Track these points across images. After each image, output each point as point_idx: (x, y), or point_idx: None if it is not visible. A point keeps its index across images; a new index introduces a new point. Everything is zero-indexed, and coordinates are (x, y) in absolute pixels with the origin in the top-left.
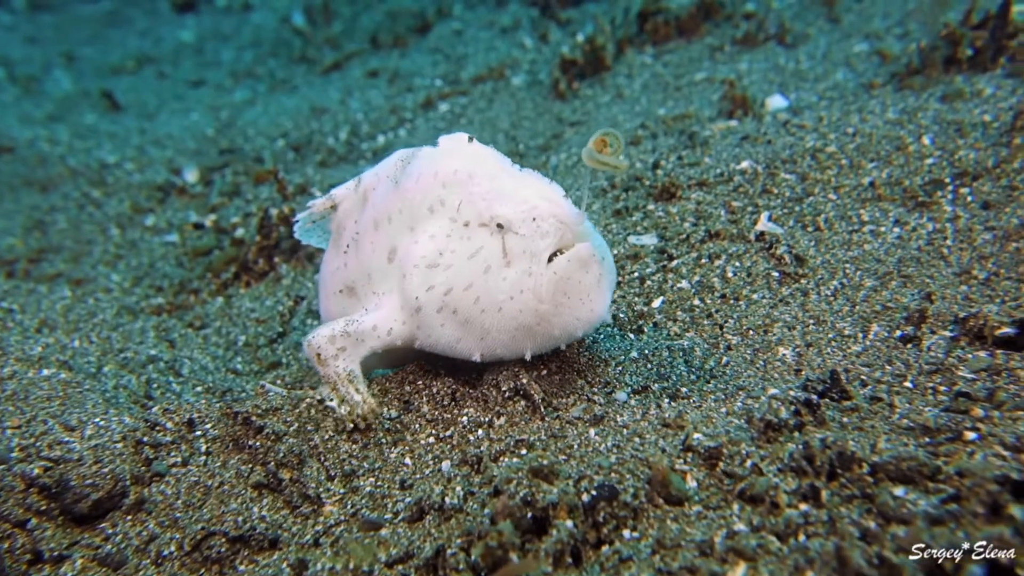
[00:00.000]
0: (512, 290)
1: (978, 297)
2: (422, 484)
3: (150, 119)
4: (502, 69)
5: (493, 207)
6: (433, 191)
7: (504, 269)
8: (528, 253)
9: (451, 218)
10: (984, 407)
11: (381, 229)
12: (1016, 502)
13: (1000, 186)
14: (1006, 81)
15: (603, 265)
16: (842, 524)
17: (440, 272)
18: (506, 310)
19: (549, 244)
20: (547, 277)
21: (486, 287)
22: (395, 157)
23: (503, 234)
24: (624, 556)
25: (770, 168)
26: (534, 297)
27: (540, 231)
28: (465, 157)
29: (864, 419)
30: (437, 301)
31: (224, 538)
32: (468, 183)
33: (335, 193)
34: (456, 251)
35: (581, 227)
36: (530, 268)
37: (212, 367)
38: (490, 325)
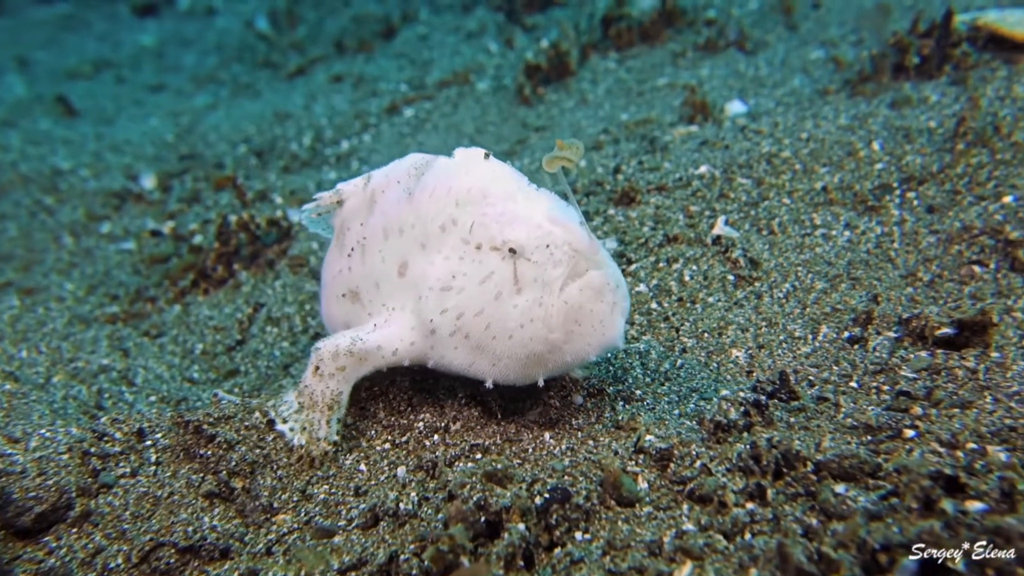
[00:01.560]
0: (523, 318)
1: (922, 298)
2: (377, 490)
3: (107, 124)
4: (467, 74)
5: (505, 231)
6: (446, 209)
7: (515, 296)
8: (540, 281)
9: (463, 239)
10: (923, 405)
11: (391, 239)
12: (948, 497)
13: (944, 190)
14: (950, 88)
15: (617, 292)
16: (786, 522)
17: (453, 296)
18: (517, 338)
19: (562, 273)
20: (558, 307)
21: (497, 314)
22: (407, 163)
23: (515, 260)
24: (575, 558)
25: (727, 173)
26: (545, 326)
27: (553, 259)
28: (480, 175)
29: (810, 419)
30: (450, 325)
31: (173, 549)
32: (481, 203)
33: (342, 188)
34: (468, 274)
35: (598, 255)
36: (541, 297)
37: (167, 376)
38: (501, 352)
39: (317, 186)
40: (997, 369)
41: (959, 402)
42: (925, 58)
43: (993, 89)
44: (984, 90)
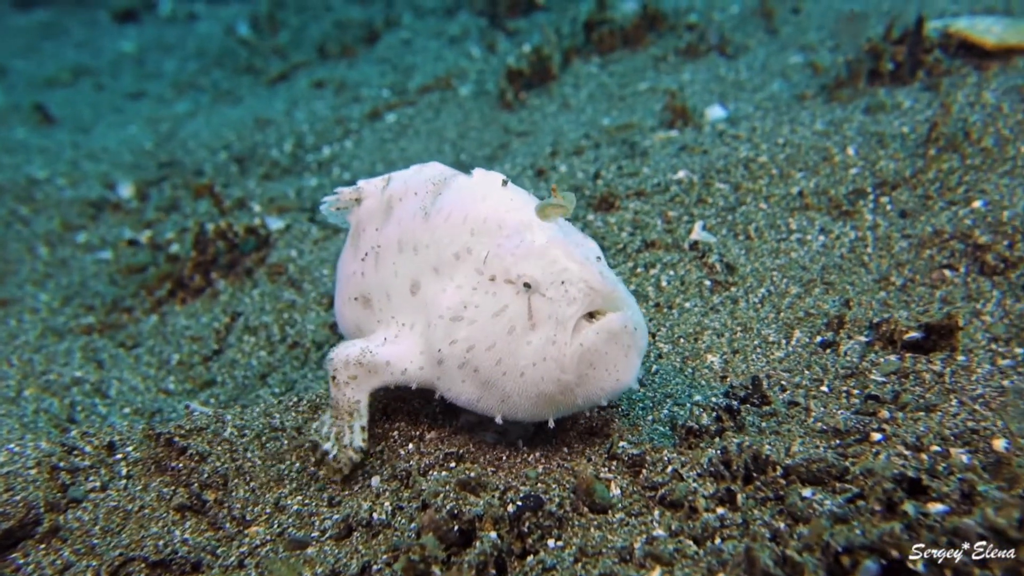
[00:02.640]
0: (535, 356)
1: (895, 303)
2: (350, 500)
3: (85, 133)
4: (449, 79)
5: (520, 264)
6: (461, 237)
7: (529, 332)
8: (554, 319)
9: (477, 269)
10: (890, 409)
11: (405, 255)
12: (910, 499)
13: (916, 195)
14: (923, 94)
15: (635, 335)
16: (755, 526)
17: (463, 327)
18: (528, 376)
19: (576, 311)
20: (573, 348)
21: (509, 349)
22: (427, 174)
23: (529, 295)
24: (548, 565)
25: (705, 178)
26: (557, 367)
27: (568, 296)
28: (496, 204)
29: (781, 423)
30: (459, 357)
31: (144, 563)
32: (497, 234)
33: (363, 186)
34: (480, 306)
35: (614, 293)
36: (555, 336)
37: (142, 388)
38: (511, 389)
39: (296, 193)
40: (962, 372)
41: (925, 405)
42: (899, 64)
43: (964, 95)
44: (955, 96)
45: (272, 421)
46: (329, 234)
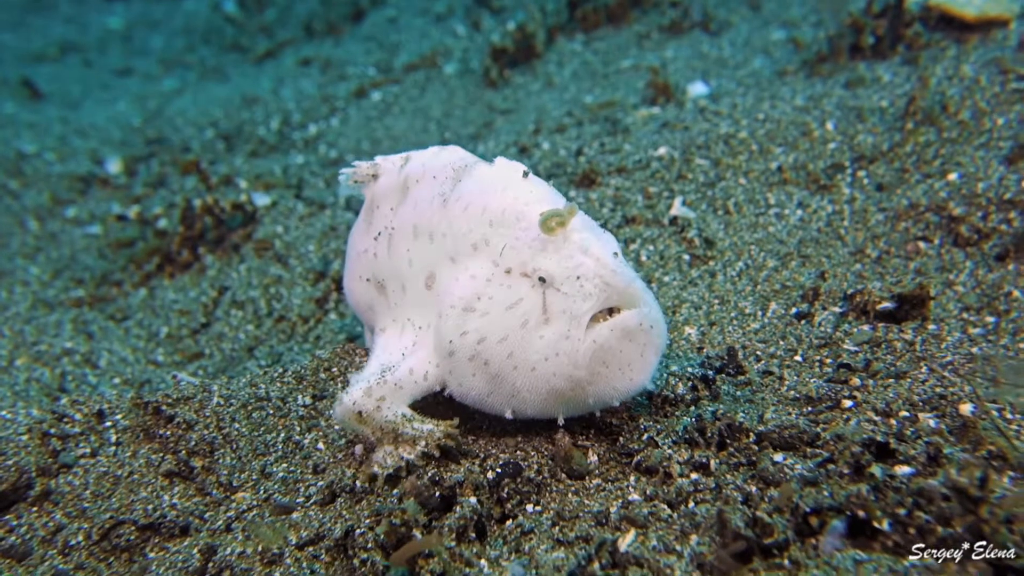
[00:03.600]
0: (548, 351)
1: (870, 274)
2: (335, 468)
3: (73, 108)
4: (435, 57)
5: (537, 258)
6: (479, 228)
7: (542, 327)
8: (568, 314)
9: (494, 261)
10: (861, 376)
11: (420, 242)
12: (878, 462)
13: (893, 169)
14: (902, 68)
15: (650, 333)
16: (727, 490)
17: (476, 318)
18: (539, 371)
19: (591, 307)
20: (586, 344)
21: (521, 343)
22: (446, 157)
23: (544, 289)
24: (526, 529)
25: (686, 154)
26: (570, 362)
27: (583, 292)
28: (516, 195)
29: (756, 392)
30: (470, 348)
31: (133, 526)
32: (515, 226)
33: (380, 162)
34: (494, 298)
35: (630, 289)
36: (568, 331)
37: (132, 359)
38: (521, 384)
39: (283, 170)
40: (933, 340)
41: (895, 373)
42: (879, 38)
43: (942, 68)
44: (933, 70)
45: (258, 391)
46: (315, 211)
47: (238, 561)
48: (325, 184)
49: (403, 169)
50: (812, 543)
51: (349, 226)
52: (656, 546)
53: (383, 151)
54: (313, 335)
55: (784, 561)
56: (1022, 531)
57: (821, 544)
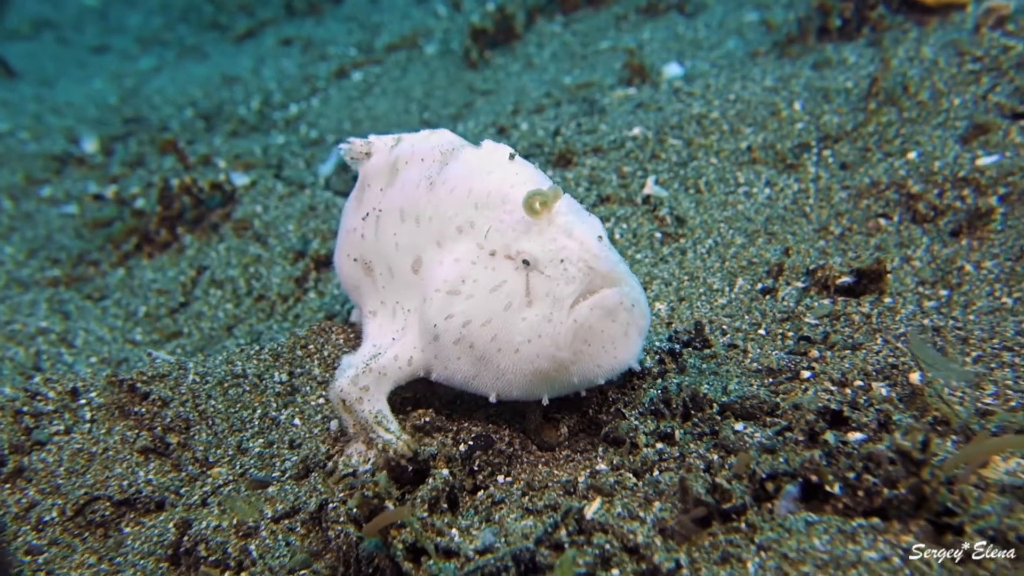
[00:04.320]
0: (530, 333)
1: (833, 251)
2: (310, 442)
3: (48, 86)
4: (415, 38)
5: (521, 241)
6: (464, 210)
7: (525, 309)
8: (551, 297)
9: (478, 244)
10: (820, 348)
11: (407, 225)
12: (831, 429)
13: (856, 148)
14: (867, 50)
15: (632, 312)
16: (691, 459)
17: (460, 301)
18: (523, 353)
19: (574, 291)
20: (568, 325)
21: (504, 325)
22: (435, 140)
23: (528, 271)
24: (497, 499)
25: (659, 134)
26: (552, 344)
27: (566, 275)
28: (501, 177)
29: (720, 364)
30: (455, 332)
31: (108, 502)
32: (500, 208)
33: (373, 141)
34: (479, 281)
35: (613, 273)
36: (551, 314)
37: (109, 338)
38: (506, 366)
39: (263, 150)
40: (888, 313)
41: (852, 344)
42: (846, 20)
43: (904, 50)
44: (895, 51)
45: (234, 368)
46: (294, 190)
47: (213, 534)
48: (305, 164)
49: (393, 150)
50: (768, 507)
51: (328, 206)
52: (621, 513)
53: (364, 131)
54: (292, 314)
55: (741, 524)
56: (962, 491)
57: (776, 508)
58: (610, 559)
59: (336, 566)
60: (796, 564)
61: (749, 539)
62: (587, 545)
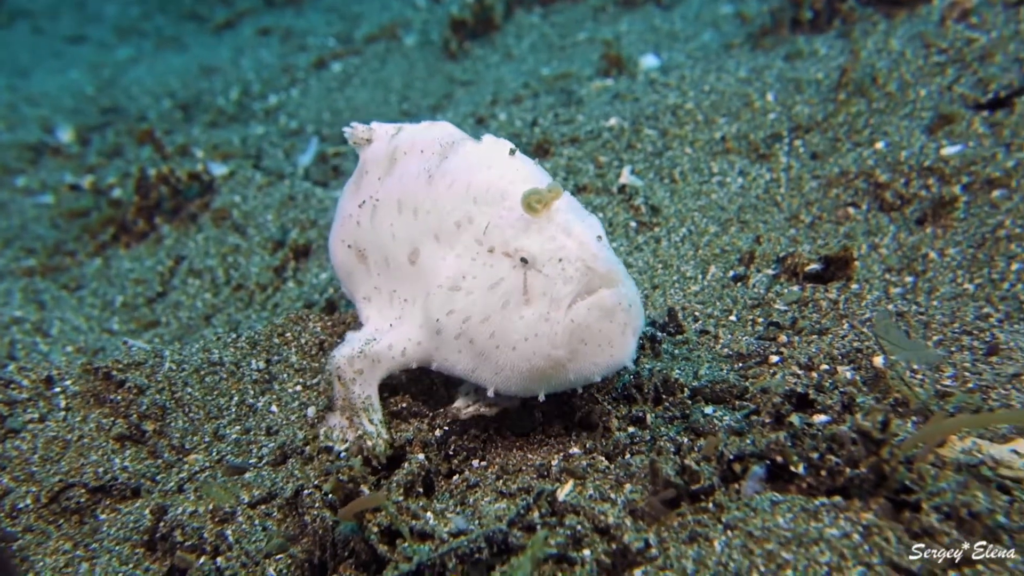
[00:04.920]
0: (528, 331)
1: (803, 239)
2: (287, 429)
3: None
4: (395, 29)
5: (519, 238)
6: (463, 205)
7: (523, 307)
8: (548, 296)
9: (477, 239)
10: (788, 334)
11: (404, 217)
12: (797, 412)
13: (827, 138)
14: (837, 41)
15: (629, 312)
16: (661, 442)
17: (461, 297)
18: (520, 350)
19: (572, 291)
20: (564, 324)
21: (502, 323)
22: (435, 132)
23: (526, 270)
24: (472, 483)
25: (635, 124)
26: (549, 343)
27: (564, 275)
28: (501, 173)
29: (692, 350)
30: (456, 327)
31: (84, 489)
32: (499, 204)
33: (375, 128)
34: (478, 277)
35: (611, 274)
36: (548, 312)
37: (85, 327)
38: (504, 362)
39: (242, 140)
40: (855, 299)
41: (819, 329)
42: (817, 13)
43: (873, 42)
44: (865, 43)
45: (211, 356)
46: (273, 180)
47: (189, 520)
48: (284, 154)
49: (394, 139)
50: (735, 488)
51: (307, 196)
52: (592, 495)
53: (344, 122)
54: (271, 303)
55: (709, 505)
56: (919, 470)
57: (743, 488)
58: (581, 540)
59: (312, 550)
60: (761, 542)
61: (716, 519)
62: (559, 526)
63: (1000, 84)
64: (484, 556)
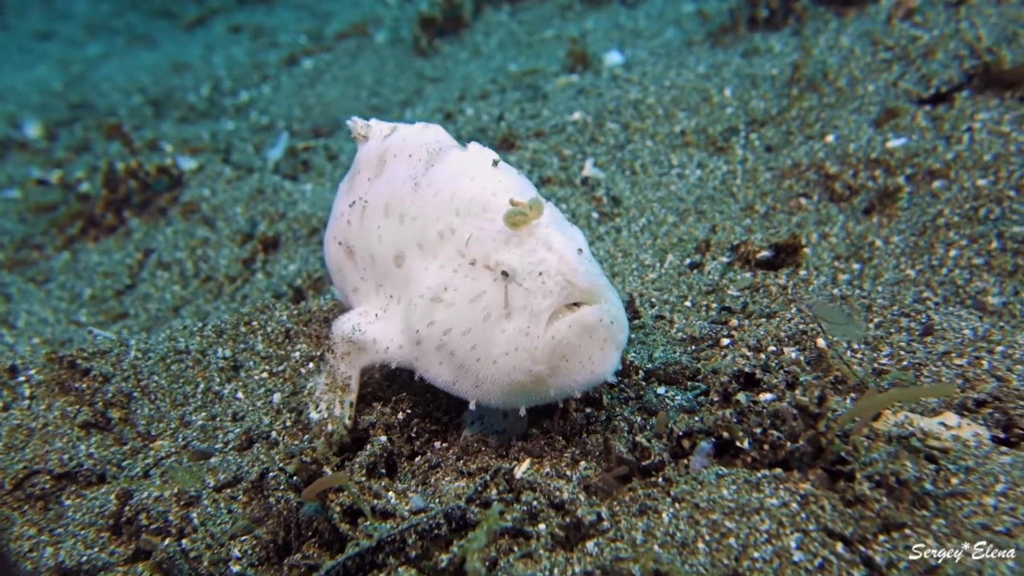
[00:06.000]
0: (508, 346)
1: (758, 228)
2: (253, 415)
3: None
4: (365, 26)
5: (500, 251)
6: (446, 216)
7: (504, 321)
8: (529, 310)
9: (459, 251)
10: (739, 317)
11: (391, 221)
12: (744, 390)
13: (781, 131)
14: (792, 39)
15: (611, 328)
16: (616, 421)
17: (442, 309)
18: (501, 364)
19: (551, 304)
20: (544, 340)
21: (483, 336)
22: (425, 137)
23: (507, 283)
24: (433, 464)
25: (599, 119)
26: (529, 358)
27: (544, 289)
28: (483, 185)
29: (648, 334)
30: (436, 339)
31: (49, 475)
32: (481, 216)
33: (373, 125)
34: (459, 290)
35: (592, 288)
36: (528, 327)
37: (52, 320)
38: (484, 376)
39: (212, 135)
40: (802, 284)
41: (767, 313)
42: (773, 11)
43: (824, 39)
44: (816, 40)
45: (176, 344)
46: (243, 174)
47: (155, 504)
48: (254, 149)
49: (386, 140)
50: (684, 463)
51: (276, 189)
52: (549, 472)
53: (315, 118)
54: (240, 295)
55: (659, 479)
56: (854, 442)
57: (691, 463)
58: (537, 515)
59: (277, 531)
60: (706, 512)
61: (666, 492)
62: (516, 503)
63: (941, 80)
64: (443, 532)
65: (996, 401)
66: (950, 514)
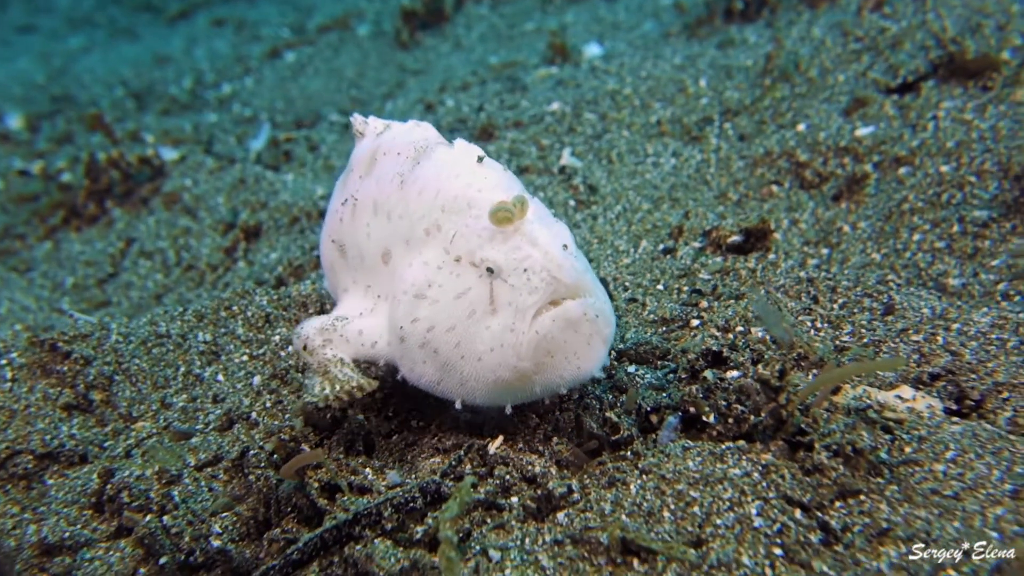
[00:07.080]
0: (493, 342)
1: (730, 215)
2: (233, 396)
3: None
4: (347, 19)
5: (485, 248)
6: (432, 213)
7: (488, 318)
8: (513, 306)
9: (445, 248)
10: (709, 299)
11: (379, 219)
12: (711, 368)
13: (754, 121)
14: (766, 30)
15: (596, 323)
16: (587, 399)
17: (426, 306)
18: (485, 362)
19: (537, 301)
20: (529, 336)
21: (468, 333)
22: (413, 136)
23: (492, 280)
24: (410, 441)
25: (576, 109)
26: (514, 354)
27: (529, 285)
28: (468, 181)
29: (621, 317)
30: (420, 336)
31: (31, 455)
32: (466, 213)
33: (370, 122)
34: (444, 286)
35: (578, 283)
36: (513, 323)
37: (35, 307)
38: (468, 374)
39: (194, 127)
40: (771, 268)
41: (736, 295)
42: (748, 3)
43: (797, 31)
44: (789, 32)
45: (157, 328)
46: (224, 164)
47: (136, 483)
48: (236, 140)
49: (379, 137)
50: (652, 437)
51: (258, 179)
52: (522, 447)
53: (297, 110)
54: (222, 283)
55: (627, 453)
56: (814, 414)
57: (659, 437)
58: (510, 488)
59: (257, 508)
60: (672, 483)
61: (634, 465)
62: (489, 477)
63: (908, 70)
64: (418, 505)
65: (949, 374)
66: (903, 480)
